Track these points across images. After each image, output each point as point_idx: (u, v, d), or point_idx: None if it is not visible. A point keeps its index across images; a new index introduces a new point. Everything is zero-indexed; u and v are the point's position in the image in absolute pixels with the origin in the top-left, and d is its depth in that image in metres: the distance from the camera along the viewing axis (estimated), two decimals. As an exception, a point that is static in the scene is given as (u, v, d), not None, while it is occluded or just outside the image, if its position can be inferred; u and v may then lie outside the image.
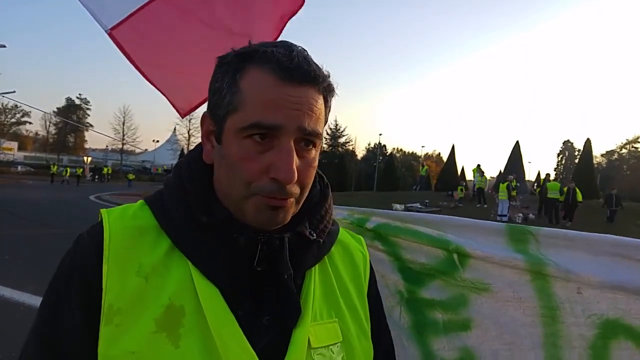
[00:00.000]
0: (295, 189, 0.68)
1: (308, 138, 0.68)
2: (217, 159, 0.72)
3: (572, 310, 0.85)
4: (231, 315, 0.66)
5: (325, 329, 0.74)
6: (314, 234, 0.76)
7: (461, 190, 23.62)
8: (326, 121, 0.75)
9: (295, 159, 0.66)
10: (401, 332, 0.98)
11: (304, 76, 0.67)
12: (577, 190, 18.16)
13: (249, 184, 0.67)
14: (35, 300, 5.08)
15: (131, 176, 44.42)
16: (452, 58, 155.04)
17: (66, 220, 13.36)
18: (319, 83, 0.69)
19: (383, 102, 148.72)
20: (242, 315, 0.67)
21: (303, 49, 0.71)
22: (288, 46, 0.69)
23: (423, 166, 35.40)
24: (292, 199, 0.69)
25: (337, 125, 61.79)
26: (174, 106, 1.90)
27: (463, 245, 0.95)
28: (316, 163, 0.72)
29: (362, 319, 0.80)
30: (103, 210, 0.74)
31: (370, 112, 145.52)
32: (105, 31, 1.75)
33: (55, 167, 41.41)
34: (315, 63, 0.70)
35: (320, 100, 0.70)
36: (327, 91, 0.72)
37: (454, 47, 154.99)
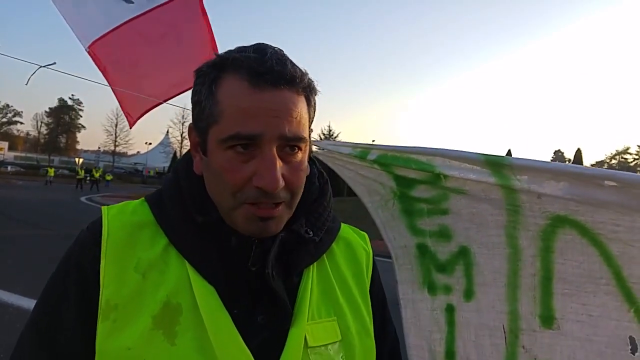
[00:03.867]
0: (284, 194, 0.67)
1: (291, 144, 0.66)
2: (205, 170, 0.71)
3: (531, 208, 1.00)
4: (226, 314, 0.66)
5: (323, 327, 0.73)
6: (310, 232, 0.75)
7: None
8: (312, 121, 0.73)
9: (280, 165, 0.65)
10: (393, 212, 1.17)
11: (279, 79, 0.64)
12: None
13: (235, 194, 0.66)
14: (25, 301, 5.05)
15: (109, 177, 42.72)
16: (446, 67, 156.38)
17: (56, 222, 13.22)
18: (296, 84, 0.66)
19: (377, 108, 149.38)
20: (238, 315, 0.67)
21: (278, 50, 0.69)
22: (261, 49, 0.66)
23: None
24: (281, 206, 0.68)
25: (330, 131, 61.97)
26: (125, 113, 2.15)
27: (446, 170, 1.11)
28: (305, 165, 0.71)
29: (364, 316, 0.80)
30: (104, 207, 0.74)
31: (363, 119, 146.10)
32: (85, 49, 1.97)
33: (82, 171, 36.89)
34: (291, 63, 0.67)
35: (301, 102, 0.68)
36: (308, 90, 0.70)
37: (448, 57, 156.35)
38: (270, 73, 0.63)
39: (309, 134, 0.71)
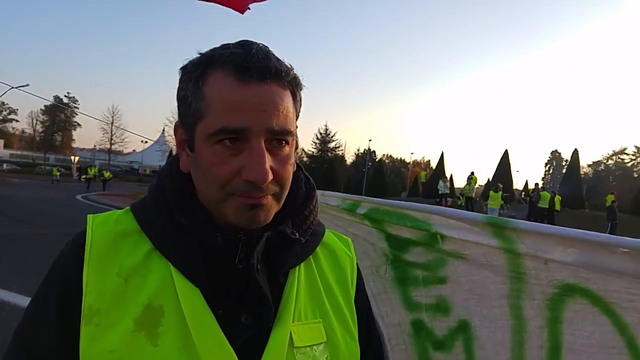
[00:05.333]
0: (273, 187, 0.68)
1: (278, 137, 0.67)
2: (193, 166, 0.72)
3: (537, 275, 0.95)
4: (210, 314, 0.67)
5: (309, 329, 0.74)
6: (296, 233, 0.76)
7: (460, 198, 23.75)
8: (298, 115, 0.74)
9: (268, 158, 0.66)
10: (386, 282, 1.10)
11: (264, 73, 0.65)
12: (556, 199, 18.51)
13: (224, 186, 0.66)
14: (20, 299, 5.05)
15: (109, 175, 41.56)
16: (443, 67, 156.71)
17: (52, 220, 13.19)
18: (282, 78, 0.68)
19: (374, 108, 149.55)
20: (222, 315, 0.68)
21: (263, 45, 0.70)
22: (247, 45, 0.68)
23: (424, 171, 33.93)
24: (269, 196, 0.69)
25: (327, 130, 61.97)
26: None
27: (443, 230, 1.04)
28: (292, 159, 0.72)
29: (348, 320, 0.80)
30: (89, 216, 0.75)
31: (360, 118, 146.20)
32: None
33: (93, 170, 35.78)
34: (276, 58, 0.69)
35: (287, 96, 0.69)
36: (293, 85, 0.71)
37: (446, 57, 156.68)
38: (256, 67, 0.65)
39: (295, 129, 0.72)
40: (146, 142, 66.71)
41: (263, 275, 0.71)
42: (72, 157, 57.05)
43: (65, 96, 69.79)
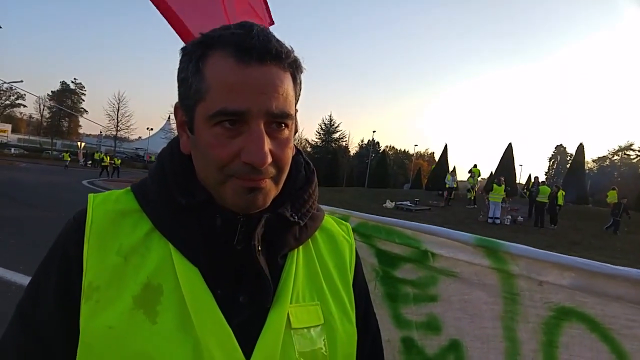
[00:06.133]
0: (272, 169, 0.68)
1: (278, 120, 0.67)
2: (193, 148, 0.72)
3: (532, 297, 0.92)
4: (209, 293, 0.67)
5: (307, 311, 0.74)
6: (295, 216, 0.76)
7: (469, 191, 23.41)
8: (298, 99, 0.73)
9: (267, 141, 0.65)
10: (375, 298, 1.04)
11: (265, 54, 0.65)
12: (560, 194, 18.29)
13: (222, 168, 0.66)
14: (26, 280, 4.97)
15: (118, 161, 40.49)
16: (449, 60, 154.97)
17: (58, 204, 13.39)
18: (282, 60, 0.67)
19: (379, 99, 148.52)
20: (221, 295, 0.68)
21: (264, 27, 0.69)
22: (248, 26, 0.67)
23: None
24: (268, 180, 0.69)
25: (331, 120, 61.51)
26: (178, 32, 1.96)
27: (433, 248, 1.02)
28: (292, 142, 0.72)
29: (345, 304, 0.81)
30: (90, 195, 0.76)
31: (365, 109, 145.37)
32: None
33: (108, 157, 35.19)
34: (276, 40, 0.68)
35: (287, 79, 0.68)
36: (294, 67, 0.70)
37: (452, 50, 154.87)
38: (256, 48, 0.64)
39: (295, 113, 0.72)
40: (152, 129, 67.02)
41: (262, 257, 0.71)
42: (79, 143, 57.30)
43: (72, 82, 69.93)
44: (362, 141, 72.19)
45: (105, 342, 0.64)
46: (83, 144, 57.55)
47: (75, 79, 72.32)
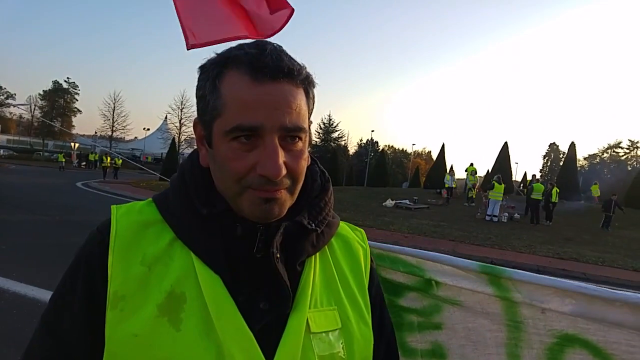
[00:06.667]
0: (286, 181, 0.71)
1: (291, 134, 0.69)
2: (211, 162, 0.75)
3: (535, 325, 0.92)
4: (231, 300, 0.69)
5: (325, 315, 0.76)
6: (312, 224, 0.78)
7: (470, 189, 23.63)
8: (311, 112, 0.76)
9: (281, 154, 0.68)
10: None
11: (277, 72, 0.67)
12: (554, 191, 18.58)
13: (239, 180, 0.69)
14: (20, 287, 5.05)
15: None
16: (446, 60, 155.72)
17: (52, 207, 13.17)
18: (294, 77, 0.70)
19: (377, 99, 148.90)
20: (242, 302, 0.70)
21: (278, 45, 0.72)
22: (261, 45, 0.70)
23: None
24: (283, 190, 0.71)
25: (330, 119, 61.62)
26: (185, 36, 1.99)
27: (437, 276, 1.03)
28: (306, 154, 0.74)
29: (362, 308, 0.82)
30: (113, 207, 0.79)
31: (364, 109, 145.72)
32: None
33: (109, 158, 34.01)
34: (289, 57, 0.71)
35: (300, 94, 0.71)
36: (306, 83, 0.73)
37: (448, 50, 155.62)
38: (269, 67, 0.67)
39: (309, 125, 0.75)
40: (148, 129, 66.56)
41: (281, 264, 0.74)
42: (72, 144, 56.76)
43: (65, 81, 69.18)
44: (361, 140, 72.72)
45: (130, 350, 0.66)
46: (77, 144, 56.97)
47: (68, 77, 71.90)
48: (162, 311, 0.68)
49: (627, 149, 75.75)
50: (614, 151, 76.72)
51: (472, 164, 24.61)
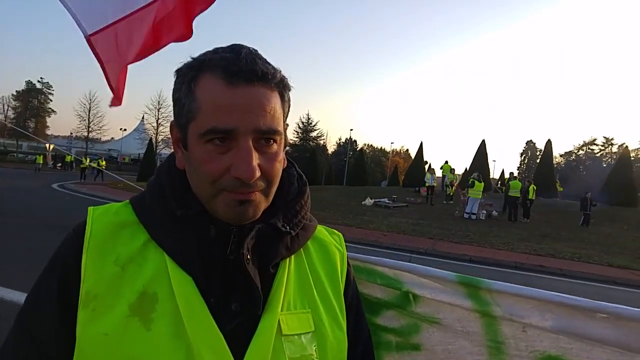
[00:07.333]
0: (261, 183, 0.72)
1: (266, 136, 0.71)
2: (187, 164, 0.76)
3: (517, 345, 0.92)
4: (202, 301, 0.70)
5: (298, 318, 0.77)
6: (287, 227, 0.79)
7: (450, 187, 23.81)
8: (286, 115, 0.77)
9: (255, 156, 0.69)
10: None
11: (252, 76, 0.68)
12: (531, 188, 18.90)
13: (214, 182, 0.70)
14: (5, 292, 4.93)
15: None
16: (422, 59, 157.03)
17: (27, 209, 12.93)
18: (269, 80, 0.71)
19: (356, 98, 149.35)
20: (213, 303, 0.71)
21: (253, 49, 0.73)
22: (237, 49, 0.71)
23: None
24: (258, 192, 0.72)
25: (309, 119, 61.60)
26: (113, 92, 1.90)
27: (415, 289, 1.02)
28: (281, 156, 0.75)
29: (336, 312, 0.83)
30: (90, 208, 0.79)
31: (342, 108, 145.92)
32: (85, 36, 1.78)
33: (88, 159, 33.03)
34: (264, 61, 0.72)
35: (274, 97, 0.72)
36: (281, 86, 0.74)
37: (424, 48, 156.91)
38: (243, 71, 0.68)
39: (285, 128, 0.76)
40: (125, 129, 65.42)
41: (253, 266, 0.74)
42: (47, 145, 55.28)
43: (39, 81, 67.44)
44: (339, 139, 72.87)
45: (100, 349, 0.67)
46: (52, 145, 55.61)
47: (42, 77, 70.08)
48: (133, 311, 0.68)
49: (602, 145, 77.20)
50: (589, 148, 77.98)
51: (447, 162, 24.83)
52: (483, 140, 34.21)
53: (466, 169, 35.23)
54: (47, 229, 9.71)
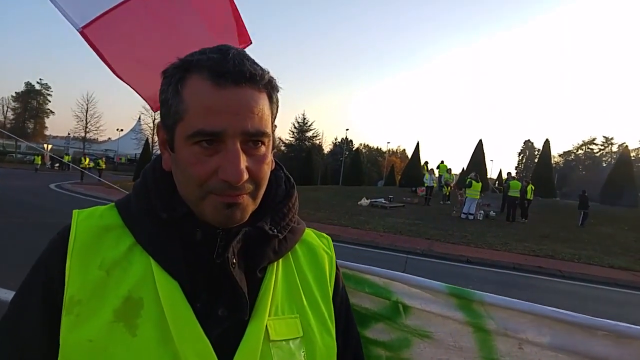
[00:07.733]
0: (249, 185, 0.70)
1: (254, 139, 0.69)
2: (174, 166, 0.74)
3: None
4: (188, 306, 0.69)
5: (286, 323, 0.75)
6: (274, 230, 0.78)
7: (445, 186, 23.81)
8: (275, 117, 0.76)
9: (243, 158, 0.68)
10: None
11: (239, 77, 0.67)
12: (529, 188, 18.86)
13: (201, 184, 0.68)
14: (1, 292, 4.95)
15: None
16: (420, 58, 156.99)
17: (26, 209, 12.85)
18: (257, 81, 0.69)
19: (352, 98, 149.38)
20: (200, 308, 0.69)
21: (241, 50, 0.72)
22: (224, 50, 0.70)
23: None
24: (246, 195, 0.71)
25: (305, 119, 61.51)
26: (147, 101, 1.94)
27: (405, 299, 0.99)
28: (269, 158, 0.74)
29: (325, 316, 0.82)
30: (75, 211, 0.78)
31: (338, 107, 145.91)
32: (77, 30, 1.76)
33: (87, 159, 33.09)
34: (252, 62, 0.70)
35: (262, 99, 0.70)
36: (269, 87, 0.73)
37: (422, 47, 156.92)
38: (230, 72, 0.67)
39: (273, 130, 0.75)
40: (122, 130, 65.35)
41: (240, 270, 0.73)
42: (45, 145, 55.29)
43: (38, 82, 67.36)
44: (335, 139, 72.91)
45: (84, 355, 0.65)
46: (50, 146, 55.55)
47: (40, 79, 69.93)
48: (118, 316, 0.67)
49: (602, 145, 77.16)
50: (588, 148, 77.93)
51: (442, 162, 24.82)
52: (480, 140, 34.30)
53: (463, 168, 35.32)
54: (45, 228, 9.69)
